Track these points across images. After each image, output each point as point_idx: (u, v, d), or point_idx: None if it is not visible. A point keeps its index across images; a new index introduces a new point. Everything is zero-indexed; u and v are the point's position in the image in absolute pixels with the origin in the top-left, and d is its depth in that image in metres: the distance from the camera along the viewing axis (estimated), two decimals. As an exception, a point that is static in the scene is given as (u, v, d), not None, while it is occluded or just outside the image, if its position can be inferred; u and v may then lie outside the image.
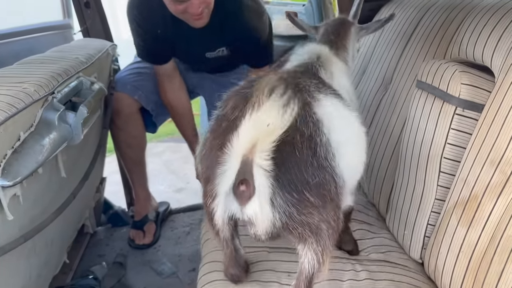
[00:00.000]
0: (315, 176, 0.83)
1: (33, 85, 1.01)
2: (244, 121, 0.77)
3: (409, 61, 1.46)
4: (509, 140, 0.96)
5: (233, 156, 0.79)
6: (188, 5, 1.51)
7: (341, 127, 0.95)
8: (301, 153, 0.83)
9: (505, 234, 0.91)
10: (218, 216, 0.90)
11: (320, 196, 0.85)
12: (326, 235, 0.88)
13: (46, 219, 1.10)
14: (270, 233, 0.89)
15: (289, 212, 0.83)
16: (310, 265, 0.91)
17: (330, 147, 0.88)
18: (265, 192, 0.81)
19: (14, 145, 0.91)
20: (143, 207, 2.17)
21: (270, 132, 0.76)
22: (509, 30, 1.06)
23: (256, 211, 0.83)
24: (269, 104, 0.77)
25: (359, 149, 1.03)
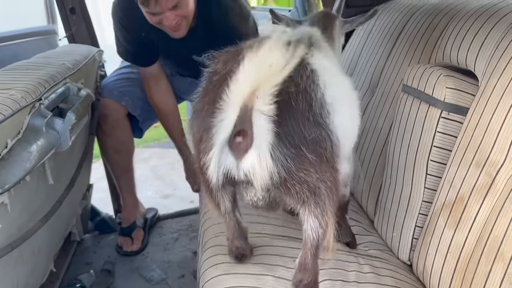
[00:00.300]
0: (311, 131, 0.81)
1: (20, 92, 1.00)
2: (243, 65, 0.72)
3: (395, 65, 1.49)
4: (493, 142, 0.98)
5: (229, 105, 0.75)
6: (163, 18, 1.50)
7: (335, 84, 0.92)
8: (297, 106, 0.81)
9: (491, 235, 0.93)
10: (212, 172, 0.83)
11: (317, 153, 0.82)
12: (324, 196, 0.86)
13: (33, 227, 1.09)
14: (268, 196, 0.86)
15: (287, 167, 0.79)
16: (314, 231, 0.89)
17: (325, 103, 0.85)
18: (265, 142, 0.77)
19: (2, 153, 0.90)
20: (131, 213, 2.15)
21: (273, 73, 0.72)
22: (492, 35, 1.08)
23: (254, 165, 0.79)
24: (268, 45, 0.72)
25: (353, 110, 1.02)
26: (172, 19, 1.51)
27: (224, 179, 0.84)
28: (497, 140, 0.97)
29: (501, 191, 0.94)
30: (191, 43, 1.71)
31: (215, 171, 0.83)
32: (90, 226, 2.23)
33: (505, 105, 0.97)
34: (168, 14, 1.49)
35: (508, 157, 0.94)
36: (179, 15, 1.52)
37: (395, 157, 1.29)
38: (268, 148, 0.78)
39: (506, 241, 0.90)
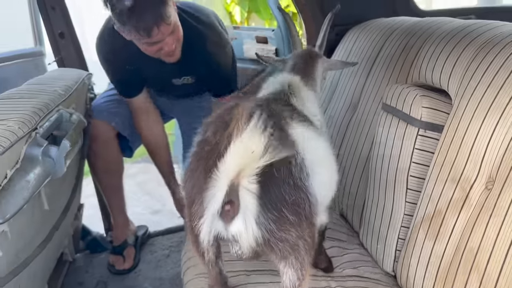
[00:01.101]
0: (291, 194, 0.90)
1: (16, 122, 1.03)
2: (229, 148, 0.82)
3: (374, 84, 1.56)
4: (466, 158, 1.05)
5: (220, 181, 0.84)
6: (162, 45, 1.56)
7: (313, 148, 1.02)
8: (279, 173, 0.90)
9: (467, 246, 1.00)
10: (204, 235, 0.93)
11: (296, 213, 0.91)
12: (303, 252, 0.94)
13: (32, 253, 1.12)
14: (253, 251, 0.94)
15: (270, 229, 0.88)
16: (292, 282, 0.97)
17: (304, 166, 0.94)
18: (251, 212, 0.87)
19: (2, 183, 0.94)
20: (122, 232, 2.18)
21: (254, 158, 0.82)
22: (463, 57, 1.16)
23: (240, 229, 0.89)
24: (251, 131, 0.82)
25: (331, 169, 1.10)
26: (171, 44, 1.57)
27: (214, 240, 0.95)
28: (470, 157, 1.04)
29: (474, 205, 1.01)
30: (171, 68, 1.77)
31: (207, 234, 0.93)
32: (82, 245, 2.25)
33: (476, 124, 1.04)
34: (168, 39, 1.55)
35: (480, 173, 1.01)
36: (175, 39, 1.59)
37: (377, 172, 1.35)
38: (252, 216, 0.88)
39: (480, 252, 0.96)
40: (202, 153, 0.96)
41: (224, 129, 0.89)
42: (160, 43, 1.54)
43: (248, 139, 0.82)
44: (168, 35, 1.54)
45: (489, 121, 1.00)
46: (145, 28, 1.46)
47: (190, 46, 1.70)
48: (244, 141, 0.82)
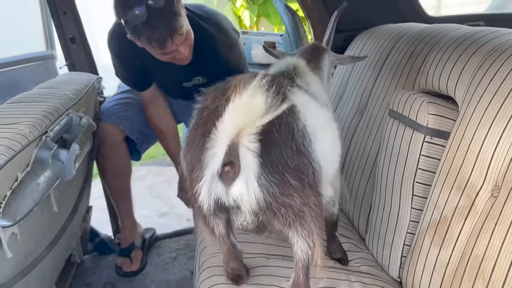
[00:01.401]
0: (294, 159, 0.89)
1: (27, 126, 1.05)
2: (228, 107, 0.81)
3: (381, 90, 1.56)
4: (472, 166, 1.05)
5: (219, 141, 0.83)
6: (175, 53, 1.58)
7: (315, 116, 1.01)
8: (280, 137, 0.88)
9: (473, 253, 1.00)
10: (203, 199, 0.91)
11: (299, 179, 0.90)
12: (309, 219, 0.93)
13: (40, 255, 1.14)
14: (256, 220, 0.93)
15: (272, 192, 0.87)
16: (303, 252, 0.96)
17: (306, 133, 0.93)
18: (252, 171, 0.86)
19: (13, 186, 0.96)
20: (129, 234, 2.20)
21: (254, 117, 0.81)
22: (469, 64, 1.16)
23: (241, 191, 0.87)
24: (251, 90, 0.82)
25: (333, 139, 1.10)
26: (184, 51, 1.59)
27: (215, 205, 0.92)
28: (476, 164, 1.04)
29: (480, 213, 1.01)
30: (181, 70, 1.78)
31: (206, 198, 0.91)
32: (90, 247, 2.27)
33: (483, 131, 1.04)
34: (181, 48, 1.57)
35: (486, 181, 1.01)
36: (187, 45, 1.61)
37: (383, 178, 1.35)
38: (254, 176, 0.86)
39: (486, 259, 0.96)
40: (201, 120, 0.94)
41: (223, 95, 0.89)
42: (173, 52, 1.57)
43: (248, 97, 0.81)
44: (181, 44, 1.56)
45: (495, 129, 1.00)
46: (158, 41, 1.48)
47: (200, 47, 1.72)
48: (244, 100, 0.81)
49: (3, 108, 1.23)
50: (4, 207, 0.91)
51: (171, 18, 1.47)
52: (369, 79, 1.66)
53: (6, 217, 0.90)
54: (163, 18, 1.45)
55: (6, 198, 0.92)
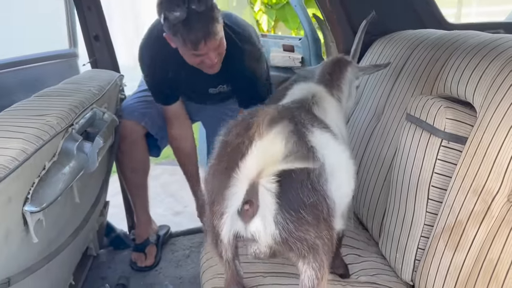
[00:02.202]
0: (309, 197, 0.94)
1: (55, 118, 1.10)
2: (251, 149, 0.86)
3: (399, 95, 1.57)
4: (489, 171, 1.06)
5: (241, 180, 0.88)
6: (205, 58, 1.63)
7: (332, 155, 1.05)
8: (297, 177, 0.93)
9: (487, 258, 1.00)
10: (224, 234, 0.98)
11: (314, 215, 0.95)
12: (322, 251, 0.98)
13: (62, 243, 1.18)
14: (271, 250, 0.98)
15: (288, 229, 0.92)
16: (310, 281, 0.99)
17: (323, 171, 0.98)
18: (269, 211, 0.91)
19: (40, 174, 1.00)
20: (144, 230, 2.23)
21: (275, 160, 0.86)
22: (489, 70, 1.17)
23: (259, 228, 0.93)
24: (273, 134, 0.86)
25: (348, 176, 1.13)
26: (214, 58, 1.65)
27: (233, 239, 0.99)
28: (493, 169, 1.05)
29: (496, 218, 1.01)
30: (209, 77, 1.83)
31: (227, 234, 0.98)
32: (106, 241, 2.32)
33: (500, 136, 1.05)
34: (211, 54, 1.63)
35: (503, 186, 1.02)
36: (218, 53, 1.66)
37: (398, 182, 1.36)
38: (271, 215, 0.92)
39: (500, 264, 0.97)
40: (224, 154, 1.00)
41: (246, 132, 0.93)
42: (203, 56, 1.62)
43: (270, 141, 0.86)
44: (213, 50, 1.62)
45: (513, 134, 1.01)
46: (193, 41, 1.55)
47: (230, 58, 1.77)
48: (266, 143, 0.86)
49: (31, 101, 1.28)
50: (32, 194, 0.95)
51: (209, 22, 1.54)
52: (386, 84, 1.67)
53: (34, 203, 0.94)
54: (201, 20, 1.53)
55: (35, 185, 0.96)
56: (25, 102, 1.24)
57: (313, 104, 1.24)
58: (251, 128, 0.90)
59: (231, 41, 1.77)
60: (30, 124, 1.03)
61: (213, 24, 1.56)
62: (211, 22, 1.55)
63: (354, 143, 1.75)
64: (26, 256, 1.01)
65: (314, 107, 1.24)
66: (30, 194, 0.94)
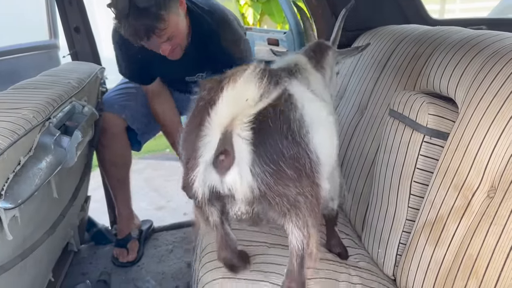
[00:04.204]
0: (289, 149, 0.88)
1: (31, 112, 1.06)
2: (222, 96, 0.82)
3: (382, 90, 1.58)
4: (470, 166, 1.06)
5: (213, 130, 0.84)
6: (159, 49, 1.60)
7: (312, 106, 1.00)
8: (275, 126, 0.88)
9: (467, 253, 1.01)
10: (197, 186, 0.91)
11: (295, 169, 0.89)
12: (304, 209, 0.92)
13: (38, 240, 1.15)
14: (251, 210, 0.93)
15: (266, 182, 0.87)
16: (298, 242, 0.95)
17: (304, 122, 0.93)
18: (245, 160, 0.86)
19: (15, 169, 0.97)
20: (126, 225, 2.21)
21: (248, 106, 0.82)
22: (471, 66, 1.17)
23: (235, 180, 0.87)
24: (245, 79, 0.82)
25: (330, 131, 1.09)
26: (167, 49, 1.61)
27: (210, 194, 0.92)
28: (473, 165, 1.06)
29: (476, 213, 1.02)
30: (184, 65, 1.80)
31: (201, 186, 0.91)
32: (87, 237, 2.28)
33: (481, 133, 1.05)
34: (163, 46, 1.59)
35: (483, 182, 1.02)
36: (173, 44, 1.62)
37: (381, 177, 1.37)
38: (248, 165, 0.86)
39: (479, 259, 0.97)
40: (196, 110, 0.95)
41: (219, 85, 0.88)
42: (155, 48, 1.60)
43: (242, 85, 0.81)
44: (163, 43, 1.58)
45: (494, 130, 1.02)
46: (134, 38, 1.54)
47: (203, 42, 1.72)
48: (237, 88, 0.81)
49: (7, 93, 1.24)
50: (6, 190, 0.92)
51: (150, 21, 1.50)
52: (370, 79, 1.67)
53: (8, 199, 0.91)
54: (143, 17, 1.49)
55: (9, 181, 0.93)
56: (0, 95, 1.21)
57: (296, 72, 1.20)
58: (223, 81, 0.86)
59: (205, 25, 1.73)
60: (4, 118, 1.00)
61: (157, 22, 1.51)
62: (154, 21, 1.51)
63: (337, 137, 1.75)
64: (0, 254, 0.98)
65: (297, 74, 1.20)
66: (4, 190, 0.92)
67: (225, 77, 0.88)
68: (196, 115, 0.93)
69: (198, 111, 0.93)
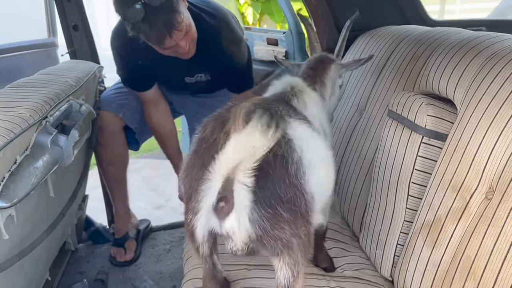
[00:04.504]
0: (287, 192, 0.91)
1: (28, 110, 1.06)
2: (227, 143, 0.84)
3: (381, 90, 1.57)
4: (468, 168, 1.06)
5: (215, 175, 0.86)
6: (176, 48, 1.59)
7: (310, 147, 1.02)
8: (274, 171, 0.91)
9: (464, 254, 1.01)
10: (199, 230, 0.95)
11: (291, 211, 0.91)
12: (297, 249, 0.95)
13: (36, 239, 1.14)
14: (246, 247, 0.95)
15: (263, 227, 0.89)
16: (286, 279, 0.97)
17: (301, 165, 0.95)
18: (245, 208, 0.88)
19: (11, 168, 0.96)
20: (124, 224, 2.20)
21: (253, 153, 0.83)
22: (470, 67, 1.17)
23: (233, 226, 0.90)
24: (251, 127, 0.84)
25: (327, 169, 1.10)
26: (185, 46, 1.60)
27: (209, 235, 0.97)
28: (472, 167, 1.05)
29: (473, 215, 1.02)
30: (184, 66, 1.79)
31: (202, 230, 0.95)
32: (84, 236, 2.28)
33: (480, 134, 1.05)
34: (181, 43, 1.57)
35: (481, 183, 1.02)
36: (189, 39, 1.61)
37: (379, 178, 1.36)
38: (246, 212, 0.89)
39: (477, 260, 0.97)
40: (200, 150, 0.97)
41: (222, 127, 0.92)
42: (173, 47, 1.57)
43: (248, 134, 0.83)
44: (181, 39, 1.57)
45: (492, 132, 1.01)
46: (157, 39, 1.50)
47: (203, 43, 1.72)
48: (242, 138, 0.83)
49: (4, 92, 1.23)
50: (2, 189, 0.91)
51: (169, 15, 1.47)
52: (369, 79, 1.67)
53: (3, 198, 0.91)
54: (161, 15, 1.46)
55: (5, 180, 0.93)
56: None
57: (293, 96, 1.22)
58: (226, 123, 0.88)
59: (206, 26, 1.72)
60: (0, 116, 0.99)
61: (175, 14, 1.49)
62: (172, 14, 1.48)
63: (336, 138, 1.75)
64: (-4, 252, 0.97)
65: (293, 99, 1.22)
66: (0, 189, 0.91)
67: (227, 118, 0.91)
68: (200, 156, 0.96)
69: (201, 152, 0.96)
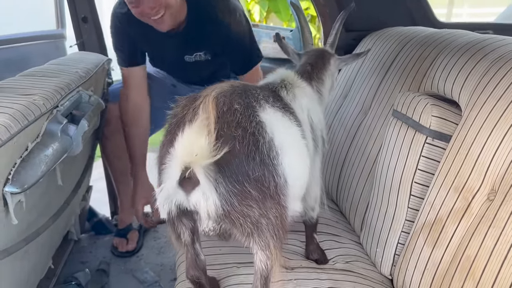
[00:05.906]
0: (255, 170, 0.90)
1: (41, 98, 1.08)
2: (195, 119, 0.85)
3: (387, 91, 1.58)
4: (471, 169, 1.07)
5: (180, 149, 0.86)
6: (140, 5, 1.54)
7: (282, 133, 1.01)
8: (242, 148, 0.90)
9: (464, 254, 1.02)
10: (162, 201, 0.93)
11: (260, 190, 0.91)
12: (267, 231, 0.94)
13: (42, 226, 1.16)
14: (218, 227, 0.96)
15: (230, 201, 0.89)
16: (262, 262, 0.97)
17: (273, 145, 0.95)
18: (209, 182, 0.87)
19: (22, 155, 0.98)
20: (127, 216, 2.22)
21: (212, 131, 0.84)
22: (476, 70, 1.18)
23: (199, 199, 0.89)
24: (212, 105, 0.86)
25: (301, 155, 1.10)
26: (150, 9, 1.54)
27: (178, 211, 0.94)
28: (475, 168, 1.06)
29: (475, 215, 1.03)
30: (182, 42, 1.77)
31: (166, 203, 0.93)
32: (87, 226, 2.30)
33: (484, 135, 1.06)
34: (146, 3, 1.53)
35: (484, 184, 1.03)
36: (157, 4, 1.55)
37: (382, 177, 1.38)
38: (212, 186, 0.88)
39: (477, 261, 0.98)
40: (169, 127, 0.98)
41: (192, 104, 0.92)
42: (140, 6, 1.54)
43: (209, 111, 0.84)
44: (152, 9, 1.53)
45: (496, 134, 1.03)
46: None
47: (197, 18, 1.70)
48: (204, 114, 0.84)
49: (16, 80, 1.25)
50: (13, 175, 0.93)
51: None
52: (375, 79, 1.68)
53: (15, 184, 0.93)
54: None
55: (16, 166, 0.95)
56: (10, 80, 1.22)
57: (282, 88, 1.21)
58: (197, 100, 0.89)
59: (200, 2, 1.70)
60: (15, 101, 1.01)
61: None
62: None
63: (340, 136, 1.76)
64: (4, 237, 0.99)
65: (282, 91, 1.20)
66: (11, 174, 0.93)
67: (200, 95, 0.92)
68: (169, 132, 0.97)
69: (171, 128, 0.97)
